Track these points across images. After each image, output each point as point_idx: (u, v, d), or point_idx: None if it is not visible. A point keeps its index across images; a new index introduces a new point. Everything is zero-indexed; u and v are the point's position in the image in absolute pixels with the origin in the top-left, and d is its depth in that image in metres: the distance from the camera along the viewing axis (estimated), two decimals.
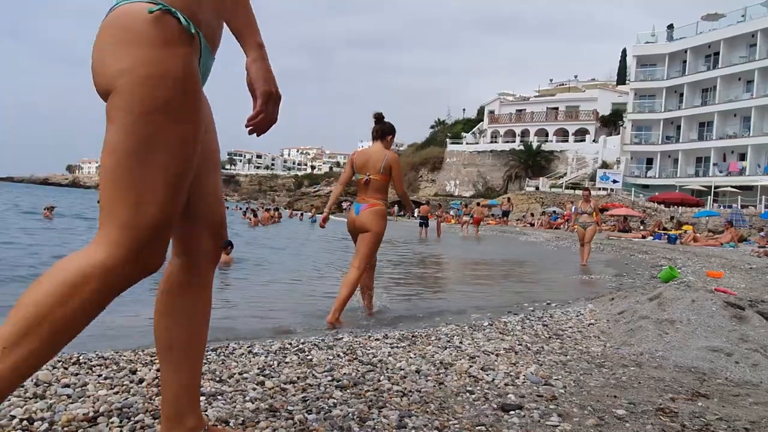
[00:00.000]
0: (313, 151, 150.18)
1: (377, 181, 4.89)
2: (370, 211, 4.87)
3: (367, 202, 4.91)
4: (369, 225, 4.86)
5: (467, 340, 4.08)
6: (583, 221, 11.69)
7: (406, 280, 9.22)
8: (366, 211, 4.88)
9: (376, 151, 4.99)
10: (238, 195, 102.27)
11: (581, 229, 11.69)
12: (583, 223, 11.67)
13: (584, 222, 11.67)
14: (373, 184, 4.89)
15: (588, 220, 11.68)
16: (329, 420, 2.42)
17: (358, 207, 4.92)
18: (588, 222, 11.66)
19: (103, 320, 4.67)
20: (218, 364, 3.16)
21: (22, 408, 2.29)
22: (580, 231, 11.74)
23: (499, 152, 49.41)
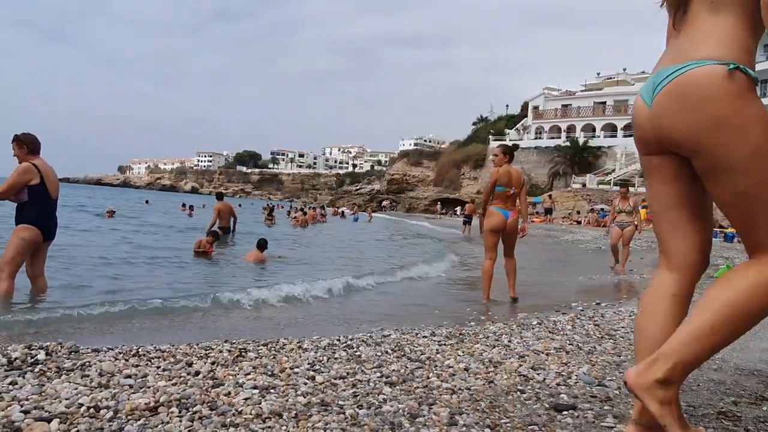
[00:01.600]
0: (354, 149, 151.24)
1: (516, 194, 6.18)
2: (516, 219, 6.25)
3: (512, 210, 6.18)
4: (515, 229, 6.25)
5: (516, 338, 4.03)
6: (621, 221, 10.52)
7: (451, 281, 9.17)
8: (513, 217, 6.19)
9: (515, 171, 6.23)
10: (281, 194, 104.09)
11: (618, 229, 10.50)
12: (621, 223, 10.50)
13: (622, 222, 10.51)
14: (513, 196, 6.17)
15: (626, 219, 10.52)
16: (380, 416, 2.43)
17: (507, 213, 6.13)
18: (626, 222, 10.49)
19: (155, 314, 4.86)
20: (269, 358, 3.23)
21: (88, 396, 2.41)
22: (617, 231, 10.51)
23: (544, 148, 48.46)
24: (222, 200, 14.39)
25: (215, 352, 3.28)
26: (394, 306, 6.29)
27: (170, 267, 8.51)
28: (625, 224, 10.44)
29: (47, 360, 2.90)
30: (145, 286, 6.90)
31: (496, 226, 6.12)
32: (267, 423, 2.28)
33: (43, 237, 5.27)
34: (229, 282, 7.43)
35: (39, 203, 5.20)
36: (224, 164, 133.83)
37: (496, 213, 6.11)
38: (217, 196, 14.97)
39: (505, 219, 6.10)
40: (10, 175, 5.11)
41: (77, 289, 6.18)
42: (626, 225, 10.42)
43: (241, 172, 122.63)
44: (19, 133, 5.28)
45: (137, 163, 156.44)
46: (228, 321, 4.96)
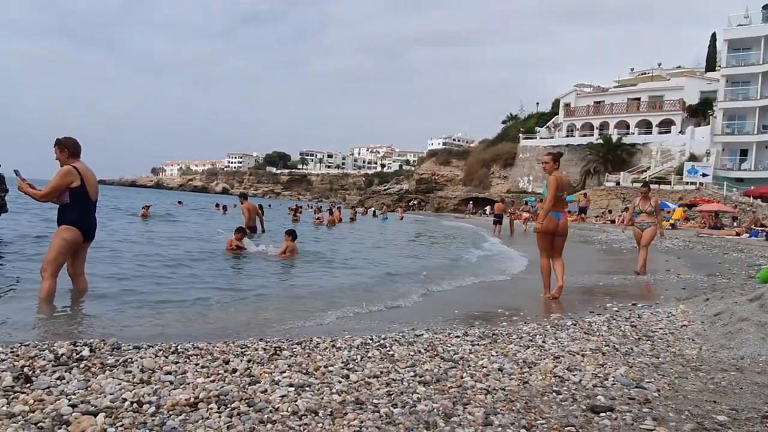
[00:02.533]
0: (382, 149, 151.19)
1: (563, 199, 6.65)
2: (567, 221, 6.74)
3: (563, 212, 6.63)
4: (567, 230, 6.71)
5: (550, 339, 3.98)
6: (641, 221, 9.98)
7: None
8: (564, 219, 6.63)
9: (564, 176, 6.73)
10: (310, 194, 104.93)
11: (638, 230, 9.99)
12: (641, 224, 9.97)
13: (642, 222, 9.97)
14: (562, 201, 6.63)
15: (647, 219, 9.98)
16: (414, 414, 2.44)
17: (559, 215, 6.55)
18: (647, 222, 9.95)
19: (195, 315, 4.95)
20: (304, 357, 3.27)
21: (131, 392, 2.48)
22: (637, 232, 10.01)
23: (576, 146, 47.56)
24: (246, 200, 14.73)
25: (251, 350, 3.34)
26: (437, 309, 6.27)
27: (206, 264, 8.66)
28: (645, 225, 9.92)
29: (91, 356, 3.00)
30: (182, 284, 7.05)
31: (550, 228, 6.56)
32: (303, 420, 2.31)
33: (83, 237, 5.41)
34: (263, 279, 7.53)
35: (80, 205, 5.33)
36: (254, 165, 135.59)
37: (550, 216, 6.55)
38: (243, 197, 15.24)
39: (558, 221, 6.59)
40: (53, 177, 5.26)
41: (117, 287, 6.34)
42: (646, 226, 9.90)
43: (271, 172, 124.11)
44: (61, 137, 5.43)
45: (170, 164, 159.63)
46: (256, 318, 5.02)
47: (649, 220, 9.93)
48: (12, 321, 4.55)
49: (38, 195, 5.23)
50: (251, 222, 14.05)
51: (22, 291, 5.66)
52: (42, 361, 2.83)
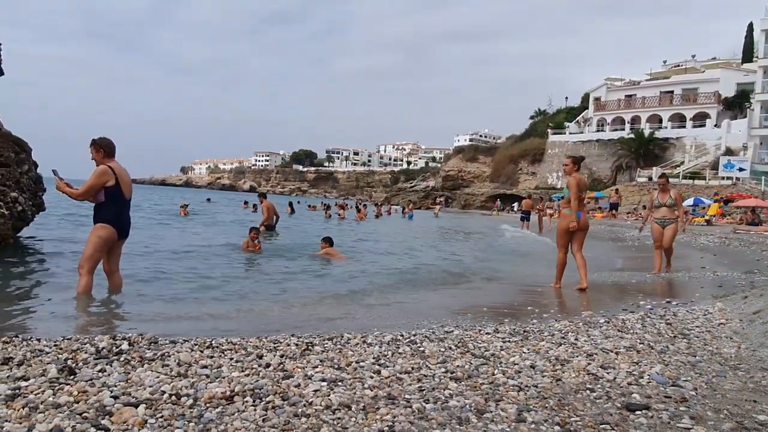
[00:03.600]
0: (409, 146, 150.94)
1: (583, 199, 7.15)
2: (586, 217, 7.15)
3: (583, 211, 7.09)
4: (587, 225, 7.13)
5: (583, 336, 3.93)
6: (662, 217, 8.83)
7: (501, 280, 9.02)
8: (585, 217, 7.09)
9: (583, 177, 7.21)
10: (336, 192, 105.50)
11: (658, 226, 8.84)
12: (662, 220, 8.83)
13: (663, 218, 8.82)
14: (582, 199, 7.11)
15: (668, 215, 8.82)
16: (447, 410, 2.44)
17: (579, 214, 7.00)
18: (668, 218, 8.81)
19: (228, 310, 5.04)
20: (335, 352, 3.30)
21: (169, 385, 2.55)
22: (657, 229, 8.86)
23: (607, 141, 46.65)
24: (266, 198, 14.99)
25: (283, 345, 3.39)
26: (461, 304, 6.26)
27: (239, 261, 8.81)
28: (666, 221, 8.82)
29: (130, 350, 3.09)
30: (216, 279, 7.18)
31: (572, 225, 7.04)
32: (336, 414, 2.34)
33: (118, 235, 5.54)
34: (295, 275, 7.62)
35: (114, 203, 5.46)
36: (281, 163, 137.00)
37: (569, 215, 7.06)
38: (262, 196, 15.46)
39: (578, 218, 7.02)
40: (89, 177, 5.40)
41: (152, 283, 6.50)
42: (668, 222, 8.81)
43: (298, 170, 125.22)
44: (96, 137, 5.57)
45: (198, 163, 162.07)
46: (288, 313, 5.08)
47: (671, 215, 8.87)
48: (52, 316, 4.71)
49: (75, 194, 5.38)
50: (269, 220, 14.30)
51: (60, 287, 5.84)
52: (84, 354, 2.93)
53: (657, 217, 8.96)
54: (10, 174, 8.07)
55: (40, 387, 2.41)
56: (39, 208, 9.22)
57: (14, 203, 7.90)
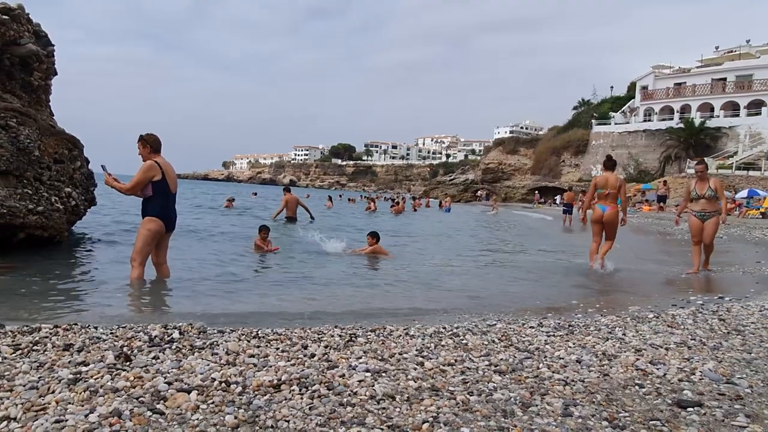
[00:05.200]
0: (447, 139, 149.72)
1: (613, 194, 7.99)
2: (613, 212, 8.04)
3: (610, 206, 8.00)
4: (613, 220, 8.04)
5: (630, 332, 3.83)
6: (702, 210, 7.82)
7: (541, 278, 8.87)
8: (610, 211, 8.01)
9: (612, 176, 8.09)
10: (375, 185, 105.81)
11: (697, 220, 7.85)
12: (701, 213, 7.81)
13: (703, 212, 7.81)
14: (611, 195, 7.99)
15: (708, 207, 7.80)
16: (491, 403, 2.44)
17: (604, 208, 8.02)
18: (708, 212, 7.81)
19: (273, 301, 5.15)
20: (378, 344, 3.33)
21: (219, 372, 2.63)
22: (695, 222, 7.88)
23: (654, 131, 45.08)
24: (290, 192, 15.15)
25: (327, 336, 3.44)
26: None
27: (284, 254, 8.97)
28: (707, 215, 7.82)
29: (181, 338, 3.20)
30: (261, 272, 7.35)
31: (596, 218, 8.12)
32: (381, 404, 2.36)
33: (165, 228, 5.72)
34: (338, 268, 7.71)
35: (161, 197, 5.64)
36: (320, 157, 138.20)
37: (596, 208, 8.13)
38: (287, 189, 15.65)
39: (602, 212, 7.99)
40: (137, 172, 5.59)
41: (199, 274, 6.69)
42: (708, 215, 7.82)
43: (336, 164, 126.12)
44: (144, 133, 5.76)
45: (239, 158, 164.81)
46: (330, 305, 5.15)
47: (711, 207, 7.85)
48: (107, 305, 4.92)
49: (124, 189, 5.57)
50: (289, 213, 14.54)
51: (112, 278, 6.07)
52: (138, 342, 3.05)
53: (695, 209, 7.98)
54: (64, 170, 8.42)
55: (99, 372, 2.52)
56: (91, 203, 9.60)
57: (68, 198, 8.25)
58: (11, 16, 8.26)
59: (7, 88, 8.27)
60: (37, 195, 7.48)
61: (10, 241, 7.08)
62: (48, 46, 9.40)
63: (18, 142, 7.33)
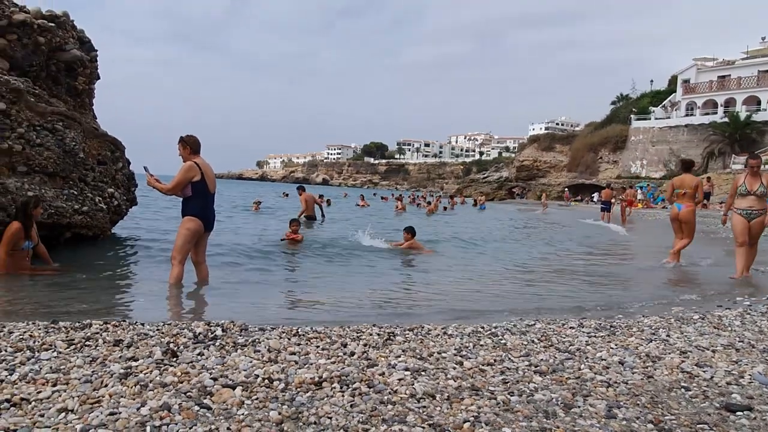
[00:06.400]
0: (481, 137, 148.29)
1: (690, 194, 8.45)
2: (689, 210, 8.47)
3: (686, 205, 8.45)
4: (688, 218, 8.49)
5: (675, 333, 3.74)
6: (749, 208, 7.17)
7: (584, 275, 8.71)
8: (685, 209, 8.44)
9: (688, 176, 8.71)
10: (407, 184, 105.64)
11: (742, 218, 7.21)
12: (748, 212, 7.17)
13: (749, 209, 7.17)
14: (687, 195, 8.45)
15: (756, 205, 7.15)
16: (532, 403, 2.42)
17: (680, 206, 8.47)
18: (756, 209, 7.15)
19: (309, 299, 5.21)
20: (417, 342, 3.34)
21: (262, 369, 2.69)
22: (740, 222, 7.24)
23: (697, 126, 43.64)
24: (305, 190, 15.29)
25: (366, 334, 3.47)
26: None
27: (316, 253, 9.07)
28: (753, 213, 7.15)
29: (224, 335, 3.28)
30: (297, 270, 7.45)
31: (673, 216, 8.65)
32: (421, 403, 2.38)
33: (204, 228, 5.85)
34: (375, 266, 7.75)
35: (200, 197, 5.75)
36: (352, 156, 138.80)
37: (673, 207, 8.66)
38: (301, 188, 15.75)
39: (678, 210, 8.51)
40: (177, 173, 5.72)
41: (237, 273, 6.83)
42: (756, 214, 7.15)
43: (369, 163, 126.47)
44: (184, 135, 5.89)
45: (273, 157, 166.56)
46: (366, 303, 5.19)
47: (759, 206, 7.19)
48: (150, 302, 5.08)
49: (165, 189, 5.70)
50: (308, 211, 14.59)
51: (154, 275, 6.25)
52: (183, 339, 3.14)
53: (741, 207, 7.29)
54: (107, 171, 8.71)
55: (148, 367, 2.61)
56: (132, 203, 9.89)
57: (111, 198, 8.53)
58: (57, 23, 8.57)
59: (53, 92, 8.59)
60: (82, 195, 7.77)
61: (58, 239, 7.37)
62: (91, 51, 9.72)
63: (64, 145, 7.62)
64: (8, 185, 6.51)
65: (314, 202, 15.22)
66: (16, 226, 5.95)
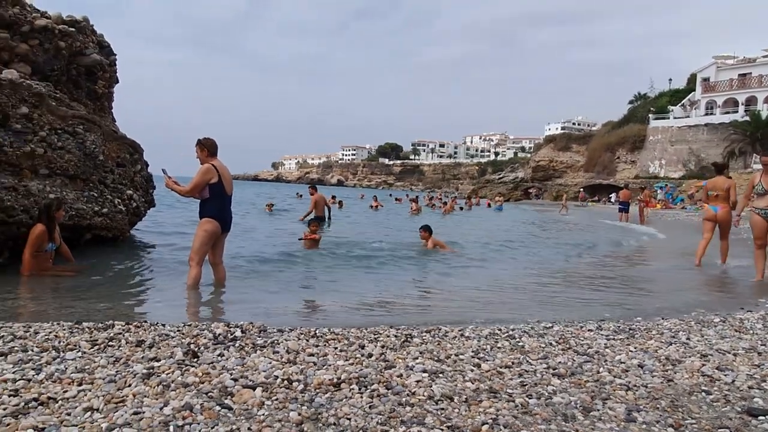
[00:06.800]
0: (496, 137, 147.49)
1: (723, 195, 8.43)
2: (725, 212, 8.47)
3: (721, 206, 8.46)
4: (725, 219, 8.52)
5: (695, 336, 3.70)
6: (767, 207, 6.93)
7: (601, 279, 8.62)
8: (722, 211, 8.46)
9: (720, 179, 8.65)
10: (422, 184, 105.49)
11: (761, 219, 6.96)
12: (766, 211, 6.93)
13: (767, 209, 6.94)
14: (721, 197, 8.45)
15: None
16: (551, 406, 2.42)
17: (716, 208, 8.51)
18: None
19: (329, 300, 5.24)
20: (434, 345, 3.35)
21: (281, 370, 2.72)
22: (759, 222, 6.98)
23: (717, 125, 42.93)
24: (317, 190, 15.33)
25: (383, 336, 3.48)
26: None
27: (335, 253, 9.11)
28: None
29: (243, 337, 3.32)
30: (315, 270, 7.49)
31: (709, 217, 8.71)
32: (440, 405, 2.39)
33: (221, 229, 5.91)
34: (394, 266, 7.76)
35: (218, 199, 5.81)
36: (367, 157, 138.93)
37: (708, 209, 8.68)
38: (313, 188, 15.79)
39: (714, 213, 8.54)
40: (194, 175, 5.78)
41: (255, 273, 6.89)
42: None
43: (384, 164, 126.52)
44: (201, 137, 5.96)
45: (288, 159, 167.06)
46: (385, 304, 5.20)
47: None
48: (168, 303, 5.14)
49: (182, 191, 5.77)
50: (318, 212, 14.63)
51: (172, 277, 6.33)
52: (204, 339, 3.19)
53: (760, 206, 7.05)
54: (126, 173, 8.84)
55: (170, 367, 2.66)
56: (150, 204, 10.02)
57: (130, 200, 8.65)
58: (77, 28, 8.73)
59: (74, 96, 8.75)
60: (102, 197, 7.89)
61: (79, 241, 7.49)
62: (110, 55, 9.89)
63: (84, 148, 7.75)
64: (31, 188, 6.64)
65: (324, 203, 15.27)
66: (40, 228, 6.08)
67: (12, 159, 6.60)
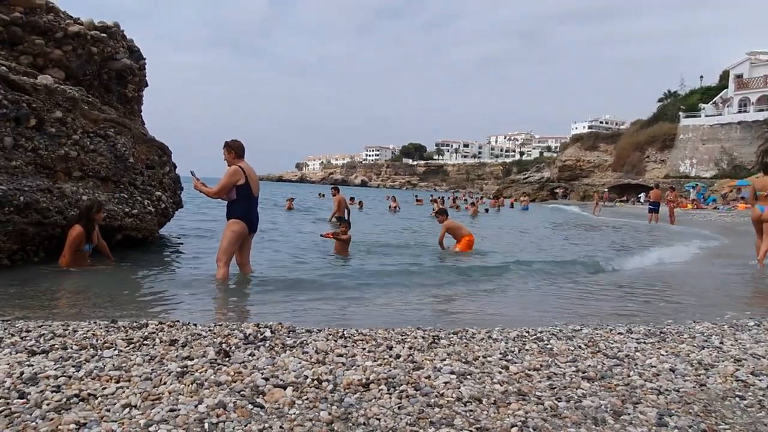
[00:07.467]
0: (521, 136, 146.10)
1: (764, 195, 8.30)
2: None
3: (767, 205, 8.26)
4: None
5: (729, 340, 3.63)
6: None
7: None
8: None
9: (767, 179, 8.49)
10: (446, 185, 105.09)
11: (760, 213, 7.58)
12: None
13: None
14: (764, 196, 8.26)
15: None
16: (581, 409, 2.40)
17: (763, 208, 8.28)
18: None
19: (353, 301, 5.28)
20: (462, 346, 3.36)
21: (311, 370, 2.76)
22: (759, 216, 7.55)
23: (751, 123, 41.78)
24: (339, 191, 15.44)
25: (410, 337, 3.50)
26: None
27: (359, 254, 9.16)
28: None
29: (272, 337, 3.37)
30: (340, 271, 7.54)
31: (755, 217, 8.55)
32: (468, 407, 2.39)
33: (248, 230, 6.00)
34: (423, 267, 7.77)
35: (245, 201, 5.92)
36: (391, 157, 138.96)
37: (755, 209, 8.47)
38: (335, 189, 15.86)
39: (761, 212, 8.33)
40: (222, 177, 5.89)
41: (280, 274, 6.97)
42: None
43: (407, 164, 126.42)
44: (229, 139, 6.06)
45: (312, 159, 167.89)
46: (411, 306, 5.21)
47: None
48: (198, 302, 5.24)
49: (210, 193, 5.89)
50: (340, 212, 14.75)
51: (200, 276, 6.44)
52: (235, 339, 3.25)
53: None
54: (154, 175, 9.03)
55: (203, 366, 2.72)
56: (178, 206, 10.21)
57: (158, 201, 8.84)
58: (108, 34, 8.96)
59: (105, 100, 8.98)
60: (132, 199, 8.08)
61: (110, 242, 7.69)
62: (140, 60, 10.12)
63: (115, 150, 7.95)
64: (65, 189, 6.83)
65: (346, 204, 15.44)
66: (78, 230, 6.26)
67: (47, 162, 6.81)
